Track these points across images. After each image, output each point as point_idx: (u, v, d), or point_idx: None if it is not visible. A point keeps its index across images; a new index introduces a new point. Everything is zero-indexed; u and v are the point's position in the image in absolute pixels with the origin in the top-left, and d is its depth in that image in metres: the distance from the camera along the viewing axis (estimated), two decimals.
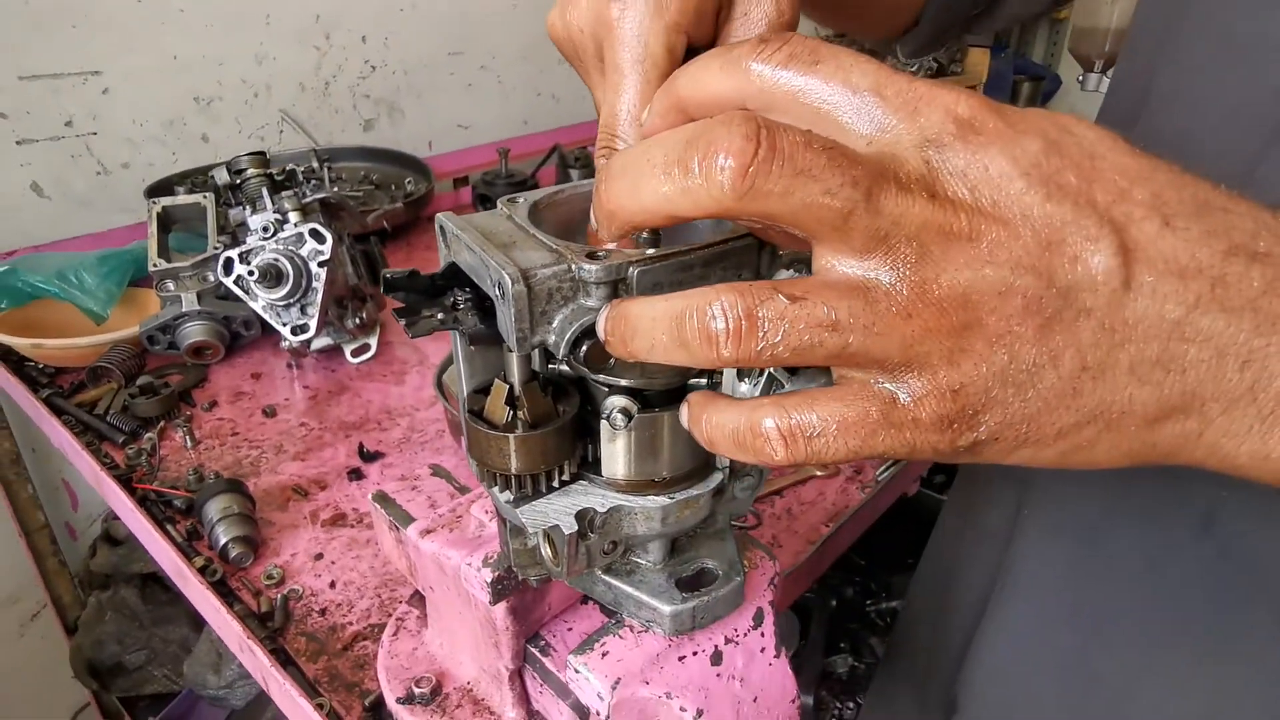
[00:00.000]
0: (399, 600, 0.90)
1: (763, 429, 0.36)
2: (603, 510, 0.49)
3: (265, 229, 1.21)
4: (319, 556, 0.98)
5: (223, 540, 0.96)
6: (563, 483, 0.50)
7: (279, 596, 0.91)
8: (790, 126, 0.32)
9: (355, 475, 1.12)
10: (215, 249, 1.32)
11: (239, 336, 1.37)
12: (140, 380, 1.26)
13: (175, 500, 1.05)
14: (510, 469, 0.48)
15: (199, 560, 0.96)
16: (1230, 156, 0.50)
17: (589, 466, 0.51)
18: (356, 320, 1.34)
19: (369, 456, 1.15)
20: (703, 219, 0.35)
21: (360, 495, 1.08)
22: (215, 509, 0.98)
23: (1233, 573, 0.53)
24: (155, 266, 1.31)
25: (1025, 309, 0.33)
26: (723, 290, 0.34)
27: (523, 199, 0.47)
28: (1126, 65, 0.64)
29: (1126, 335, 0.33)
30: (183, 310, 1.31)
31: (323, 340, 1.36)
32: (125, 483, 1.09)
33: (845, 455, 0.35)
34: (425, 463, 1.14)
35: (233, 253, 1.20)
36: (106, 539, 1.75)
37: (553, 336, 0.42)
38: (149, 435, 1.18)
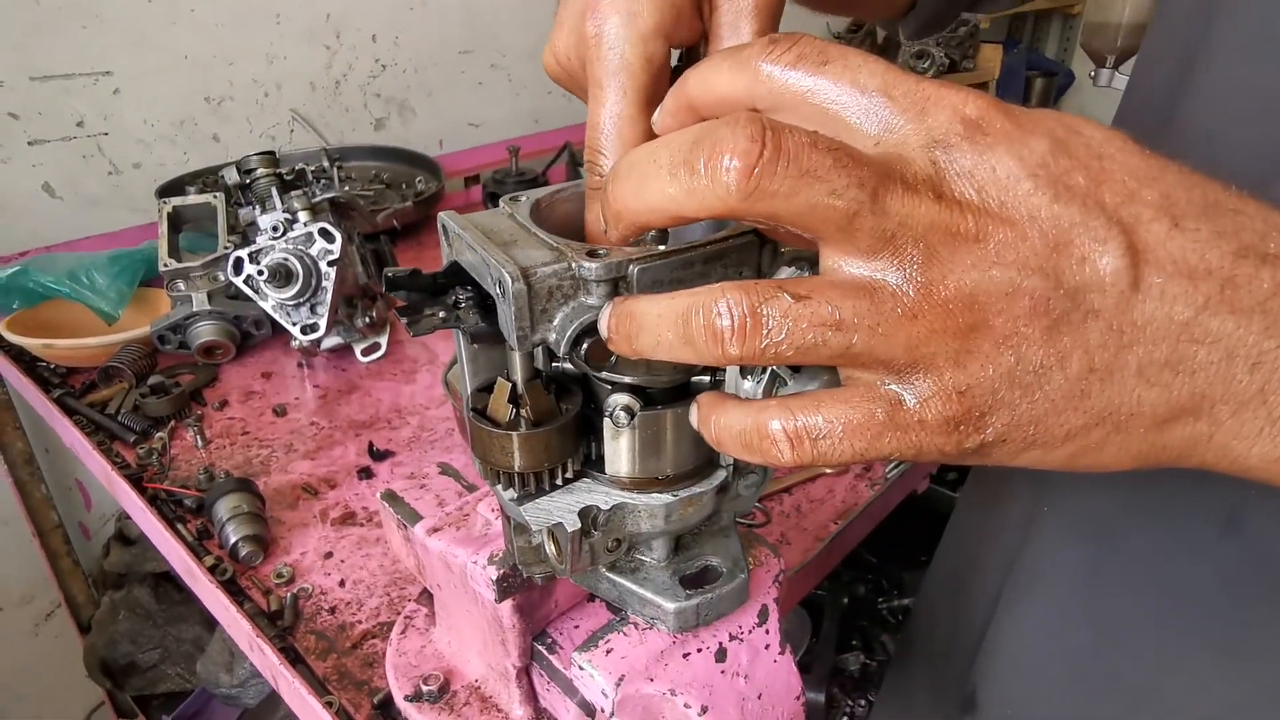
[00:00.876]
0: (408, 598, 0.91)
1: (769, 431, 0.36)
2: (606, 508, 0.49)
3: (275, 228, 1.22)
4: (329, 555, 0.98)
5: (233, 539, 0.96)
6: (566, 480, 0.50)
7: (289, 595, 0.92)
8: (796, 127, 0.32)
9: (365, 474, 1.12)
10: (225, 249, 1.32)
11: (249, 336, 1.38)
12: (151, 380, 1.27)
13: (186, 499, 1.06)
14: (514, 467, 0.48)
15: (209, 559, 0.97)
16: (1262, 155, 0.50)
17: (592, 464, 0.51)
18: (366, 319, 1.35)
19: (379, 455, 1.16)
20: (709, 219, 0.35)
21: (370, 494, 1.09)
22: (225, 508, 0.98)
23: (1257, 572, 0.53)
24: (166, 266, 1.32)
25: (1032, 310, 0.33)
26: (728, 288, 0.34)
27: (525, 197, 0.47)
28: (1147, 62, 0.63)
29: (1135, 337, 0.33)
30: (193, 310, 1.32)
31: (333, 339, 1.36)
32: (136, 482, 1.09)
33: (851, 457, 0.35)
34: (435, 461, 1.14)
35: (243, 252, 1.20)
36: (119, 538, 1.76)
37: (553, 334, 0.42)
38: (160, 435, 1.18)
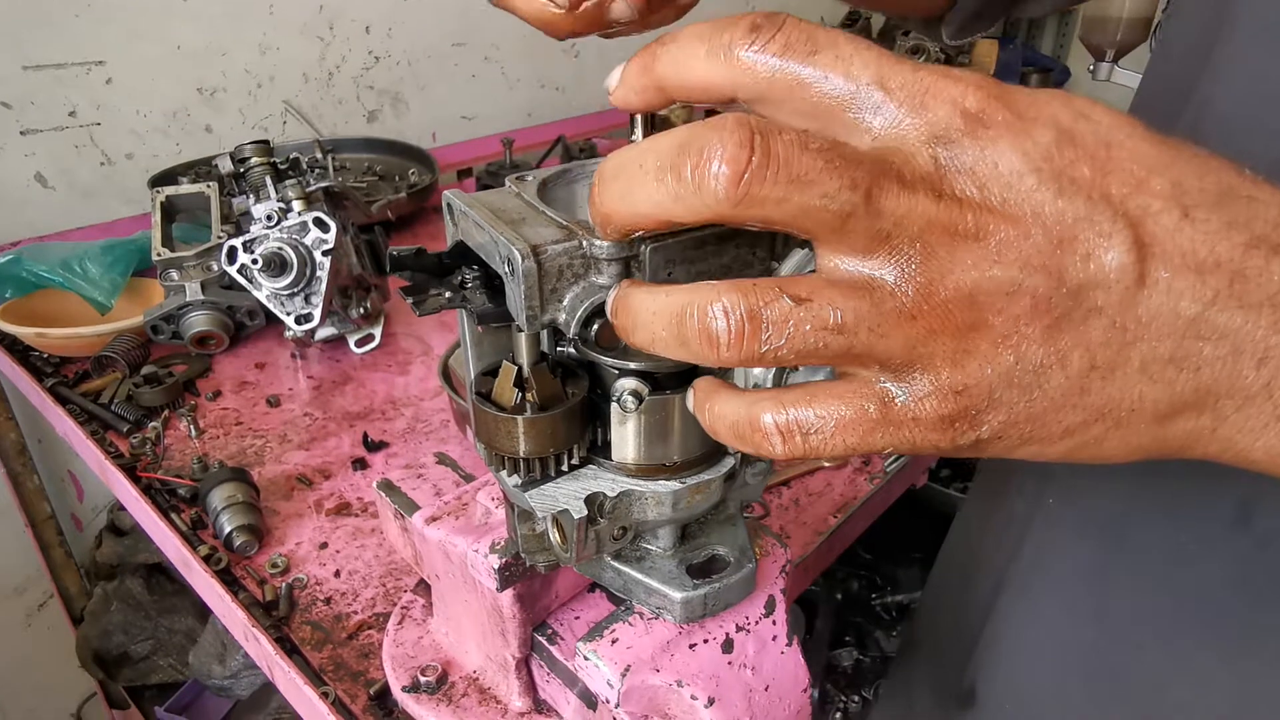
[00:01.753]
0: (404, 589, 0.90)
1: (761, 424, 0.35)
2: (613, 495, 0.48)
3: (269, 218, 1.20)
4: (324, 545, 0.98)
5: (227, 529, 0.95)
6: (572, 466, 0.49)
7: (284, 585, 0.91)
8: (786, 128, 0.31)
9: (360, 465, 1.11)
10: (219, 238, 1.31)
11: (243, 326, 1.37)
12: (144, 370, 1.26)
13: (180, 489, 1.05)
14: (518, 452, 0.47)
15: (204, 549, 0.96)
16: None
17: (598, 450, 0.50)
18: (361, 310, 1.34)
19: (373, 446, 1.15)
20: (698, 225, 0.34)
21: (365, 484, 1.08)
22: (220, 498, 0.97)
23: (1268, 568, 0.52)
24: (159, 256, 1.30)
25: (1033, 309, 0.32)
26: (724, 289, 0.33)
27: (531, 177, 0.46)
28: (1164, 46, 0.62)
29: (1138, 333, 0.32)
30: (187, 300, 1.31)
31: (327, 330, 1.35)
32: (130, 472, 1.08)
33: (844, 452, 0.35)
34: (430, 452, 1.14)
35: (236, 241, 1.19)
36: (112, 530, 1.75)
37: (563, 315, 0.41)
38: (153, 425, 1.17)
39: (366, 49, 2.07)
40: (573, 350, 0.48)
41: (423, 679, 0.70)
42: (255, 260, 1.18)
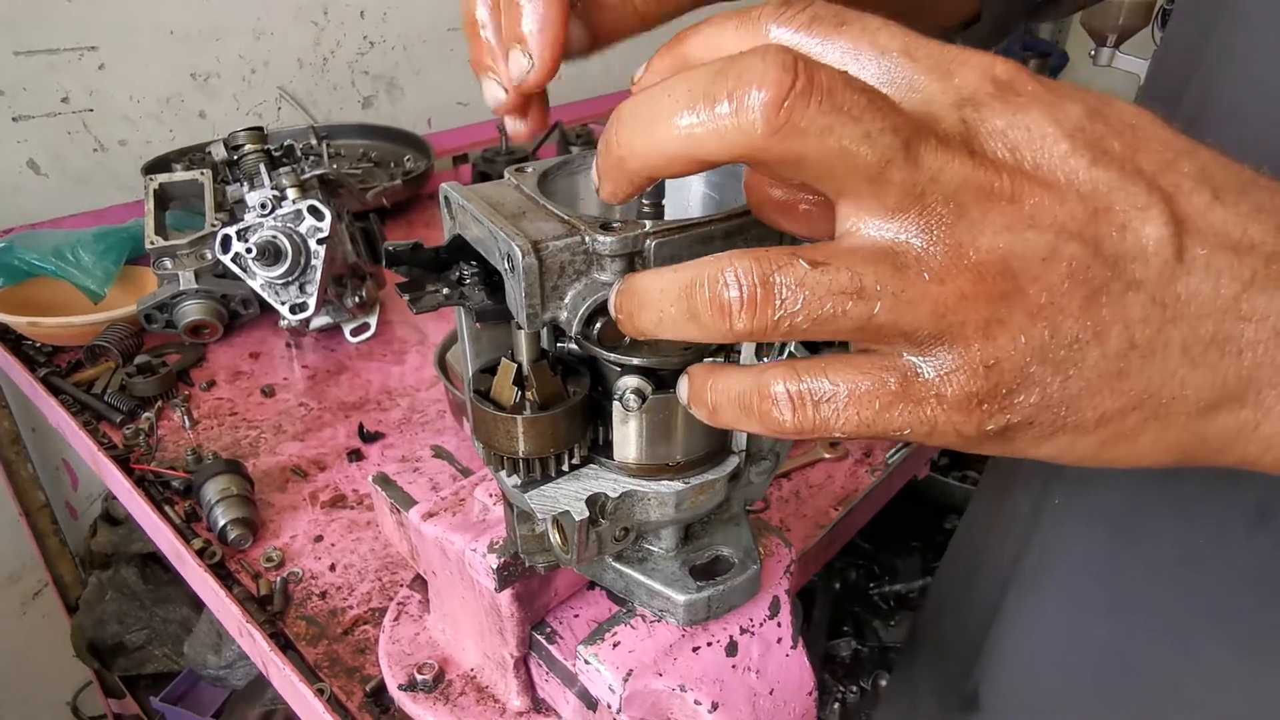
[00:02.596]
0: (400, 584, 0.89)
1: (771, 391, 0.33)
2: (614, 495, 0.47)
3: (263, 205, 1.19)
4: (319, 539, 0.96)
5: (221, 522, 0.94)
6: (573, 466, 0.48)
7: (278, 579, 0.90)
8: (827, 65, 0.30)
9: (355, 456, 1.10)
10: (213, 226, 1.30)
11: (237, 315, 1.35)
12: (138, 359, 1.25)
13: (173, 481, 1.04)
14: (518, 452, 0.46)
15: (197, 542, 0.95)
16: None
17: (600, 450, 0.49)
18: (356, 299, 1.32)
19: (369, 437, 1.14)
20: (727, 163, 0.32)
21: (360, 476, 1.07)
22: (214, 490, 0.96)
23: None
24: (153, 244, 1.29)
25: (1070, 279, 0.30)
26: (736, 257, 0.31)
27: (531, 168, 0.45)
28: (1170, 36, 0.61)
29: (1179, 312, 0.31)
30: (180, 289, 1.29)
31: (322, 319, 1.34)
32: (123, 463, 1.07)
33: (856, 427, 0.33)
34: (426, 444, 1.12)
35: (230, 230, 1.18)
36: (106, 518, 1.74)
37: (564, 313, 0.40)
38: (147, 415, 1.16)
39: (361, 34, 2.04)
40: (574, 347, 0.47)
41: (419, 677, 0.69)
42: (249, 249, 1.16)
